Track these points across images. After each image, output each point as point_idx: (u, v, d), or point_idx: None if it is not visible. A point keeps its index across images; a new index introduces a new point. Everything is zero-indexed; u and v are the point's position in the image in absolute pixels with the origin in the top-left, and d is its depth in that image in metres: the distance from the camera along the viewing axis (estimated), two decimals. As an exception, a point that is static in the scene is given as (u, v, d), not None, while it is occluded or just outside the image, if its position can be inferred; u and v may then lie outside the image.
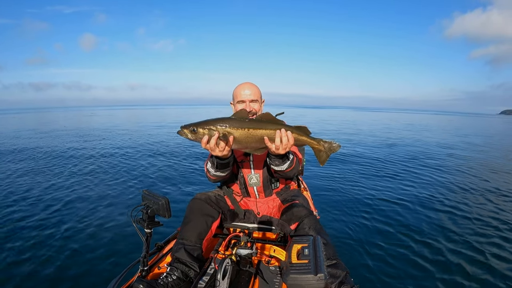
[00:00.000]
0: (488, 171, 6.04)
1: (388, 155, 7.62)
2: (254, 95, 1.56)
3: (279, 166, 1.36)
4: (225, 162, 1.36)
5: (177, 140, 10.02)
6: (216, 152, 1.20)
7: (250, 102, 1.55)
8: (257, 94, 1.58)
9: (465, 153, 8.58)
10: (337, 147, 1.29)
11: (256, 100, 1.57)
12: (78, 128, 15.90)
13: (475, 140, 12.69)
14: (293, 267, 0.91)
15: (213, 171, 1.43)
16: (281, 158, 1.32)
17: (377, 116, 42.39)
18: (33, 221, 3.19)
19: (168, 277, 1.25)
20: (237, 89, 1.58)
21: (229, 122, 1.16)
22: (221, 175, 1.47)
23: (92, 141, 10.44)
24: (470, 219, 3.27)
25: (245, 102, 1.55)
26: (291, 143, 1.20)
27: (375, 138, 11.90)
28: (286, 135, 1.18)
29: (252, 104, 1.55)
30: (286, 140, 1.18)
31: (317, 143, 1.29)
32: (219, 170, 1.41)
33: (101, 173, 5.48)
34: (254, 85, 1.60)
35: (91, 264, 2.37)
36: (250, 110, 1.53)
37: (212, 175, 1.47)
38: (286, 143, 1.18)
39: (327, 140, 1.29)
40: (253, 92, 1.56)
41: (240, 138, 1.17)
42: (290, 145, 1.20)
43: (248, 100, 1.54)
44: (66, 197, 4.03)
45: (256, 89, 1.59)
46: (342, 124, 20.38)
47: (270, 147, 1.20)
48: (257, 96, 1.57)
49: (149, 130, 14.83)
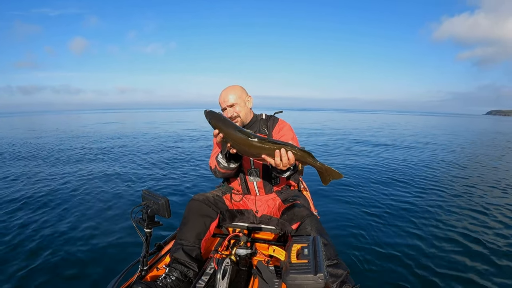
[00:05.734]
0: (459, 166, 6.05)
1: (385, 155, 7.63)
2: (232, 98, 1.55)
3: (280, 174, 1.38)
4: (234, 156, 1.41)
5: (178, 140, 10.03)
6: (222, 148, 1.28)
7: (230, 107, 1.55)
8: (236, 96, 1.56)
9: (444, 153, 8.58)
10: (339, 177, 1.25)
11: (235, 104, 1.55)
12: (72, 131, 15.91)
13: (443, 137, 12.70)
14: (293, 267, 0.91)
15: (223, 162, 1.44)
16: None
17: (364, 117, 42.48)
18: (33, 221, 3.19)
19: (167, 278, 1.25)
20: (219, 97, 1.59)
21: (233, 132, 1.22)
22: (231, 167, 1.47)
23: (91, 142, 10.45)
24: (474, 218, 3.26)
25: (226, 110, 1.56)
26: (291, 162, 1.17)
27: (369, 138, 11.90)
28: (287, 155, 1.16)
29: (231, 109, 1.55)
30: (286, 160, 1.16)
31: (320, 167, 1.25)
32: (230, 161, 1.43)
33: (101, 173, 5.48)
34: (232, 88, 1.58)
35: (91, 264, 2.37)
36: (231, 116, 1.54)
37: (222, 167, 1.47)
38: (286, 161, 1.16)
39: (331, 168, 1.24)
40: (229, 97, 1.55)
41: (241, 149, 1.23)
42: (290, 162, 1.18)
43: (227, 106, 1.55)
44: (66, 197, 4.03)
45: (235, 91, 1.57)
46: (327, 126, 20.37)
47: (270, 162, 1.20)
48: (236, 99, 1.55)
49: (148, 131, 14.86)
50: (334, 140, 11.24)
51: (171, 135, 12.87)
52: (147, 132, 14.25)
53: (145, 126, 18.45)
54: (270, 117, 1.71)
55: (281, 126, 1.66)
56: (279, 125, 1.66)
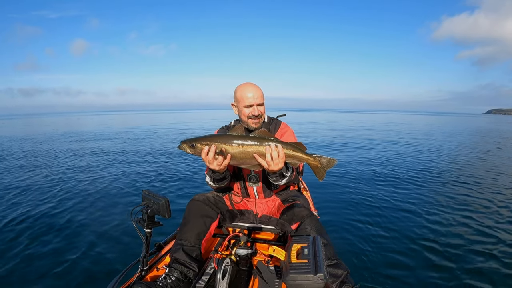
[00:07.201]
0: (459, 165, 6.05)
1: (385, 155, 7.63)
2: (260, 97, 1.51)
3: (277, 182, 1.40)
4: (220, 177, 1.44)
5: (178, 141, 10.02)
6: (214, 166, 1.23)
7: (257, 105, 1.50)
8: (262, 96, 1.53)
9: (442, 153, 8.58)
10: (333, 163, 1.29)
11: (262, 103, 1.53)
12: (72, 132, 15.92)
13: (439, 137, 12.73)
14: (293, 267, 0.91)
15: (212, 183, 1.52)
16: (279, 175, 1.34)
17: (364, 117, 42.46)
18: (33, 221, 3.19)
19: (167, 278, 1.24)
20: (241, 91, 1.50)
21: (224, 139, 1.20)
22: (220, 186, 1.53)
23: (91, 143, 10.44)
24: (474, 219, 3.26)
25: (252, 106, 1.49)
26: (281, 158, 1.19)
27: (369, 138, 11.90)
28: (277, 150, 1.18)
29: (259, 107, 1.51)
30: (276, 155, 1.17)
31: (313, 159, 1.28)
32: (216, 183, 1.49)
33: (101, 174, 5.48)
34: (257, 87, 1.54)
35: (91, 264, 2.37)
36: (258, 114, 1.50)
37: (212, 186, 1.55)
38: (276, 158, 1.18)
39: (323, 156, 1.29)
40: (259, 95, 1.50)
41: (235, 154, 1.21)
42: (281, 161, 1.20)
43: (255, 104, 1.49)
44: (66, 198, 4.03)
45: (260, 90, 1.54)
46: (328, 126, 20.37)
47: (262, 164, 1.21)
48: (263, 98, 1.53)
49: (147, 133, 14.86)
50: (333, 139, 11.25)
51: (171, 136, 12.88)
52: (147, 133, 14.26)
53: (145, 127, 18.47)
54: (273, 120, 1.69)
55: (283, 130, 1.63)
56: (281, 129, 1.63)
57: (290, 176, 1.40)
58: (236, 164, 1.27)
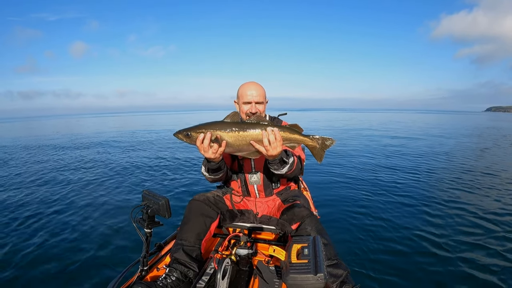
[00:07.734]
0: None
1: (386, 154, 7.62)
2: (260, 96, 1.52)
3: (278, 170, 1.37)
4: (216, 167, 1.41)
5: (177, 141, 10.01)
6: (209, 155, 1.22)
7: (256, 103, 1.52)
8: (262, 95, 1.55)
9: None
10: (331, 142, 1.27)
11: (262, 102, 1.54)
12: (72, 134, 15.92)
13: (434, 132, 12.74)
14: (293, 267, 0.91)
15: (207, 174, 1.50)
16: (279, 162, 1.32)
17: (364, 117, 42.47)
18: (33, 221, 3.19)
19: (167, 278, 1.24)
20: (243, 89, 1.54)
21: (219, 126, 1.18)
22: (215, 178, 1.51)
23: (91, 143, 10.44)
24: (476, 217, 3.26)
25: (251, 103, 1.51)
26: (279, 141, 1.17)
27: (371, 138, 11.90)
28: (273, 133, 1.15)
29: (258, 106, 1.52)
30: (273, 138, 1.15)
31: (311, 140, 1.26)
32: (211, 174, 1.47)
33: (101, 174, 5.48)
34: (259, 86, 1.56)
35: (91, 264, 2.37)
36: (255, 112, 1.51)
37: (207, 177, 1.52)
38: (273, 141, 1.16)
39: (320, 136, 1.27)
40: (258, 93, 1.52)
41: (231, 140, 1.18)
42: (278, 144, 1.17)
43: (254, 101, 1.51)
44: (66, 197, 4.03)
45: (262, 89, 1.55)
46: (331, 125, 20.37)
47: (260, 150, 1.19)
48: (262, 98, 1.54)
49: (147, 134, 14.86)
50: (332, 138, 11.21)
51: (171, 136, 12.88)
52: (147, 134, 14.25)
53: (145, 128, 18.47)
54: (274, 119, 1.70)
55: None
56: None
57: (292, 163, 1.37)
58: (232, 151, 1.23)
